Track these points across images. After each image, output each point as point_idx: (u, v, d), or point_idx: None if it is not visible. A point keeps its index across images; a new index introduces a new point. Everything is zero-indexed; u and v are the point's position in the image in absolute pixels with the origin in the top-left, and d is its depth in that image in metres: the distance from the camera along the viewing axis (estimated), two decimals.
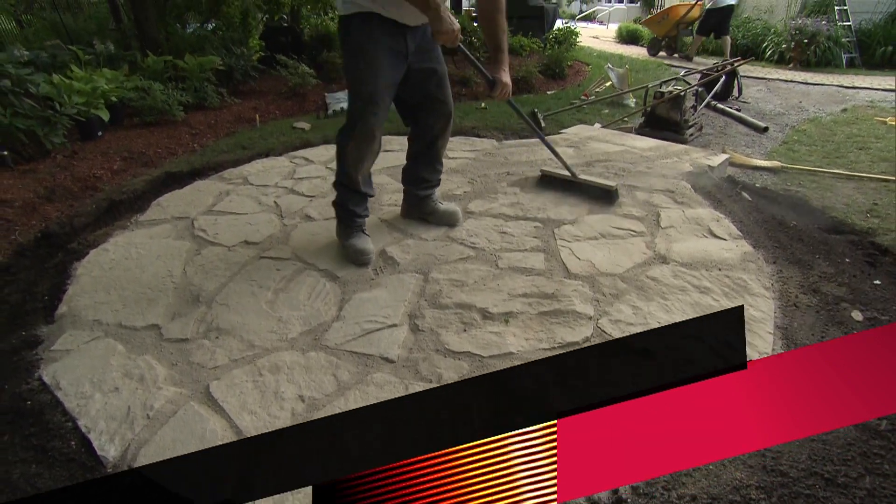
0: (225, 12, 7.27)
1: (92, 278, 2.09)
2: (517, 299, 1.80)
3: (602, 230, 2.28)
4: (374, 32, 1.82)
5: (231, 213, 2.58)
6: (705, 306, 1.78)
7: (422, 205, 2.36)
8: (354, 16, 1.81)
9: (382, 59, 1.85)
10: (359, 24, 1.82)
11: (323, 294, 1.88)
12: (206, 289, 1.95)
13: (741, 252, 2.14)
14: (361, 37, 1.83)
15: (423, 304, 1.80)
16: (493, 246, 2.15)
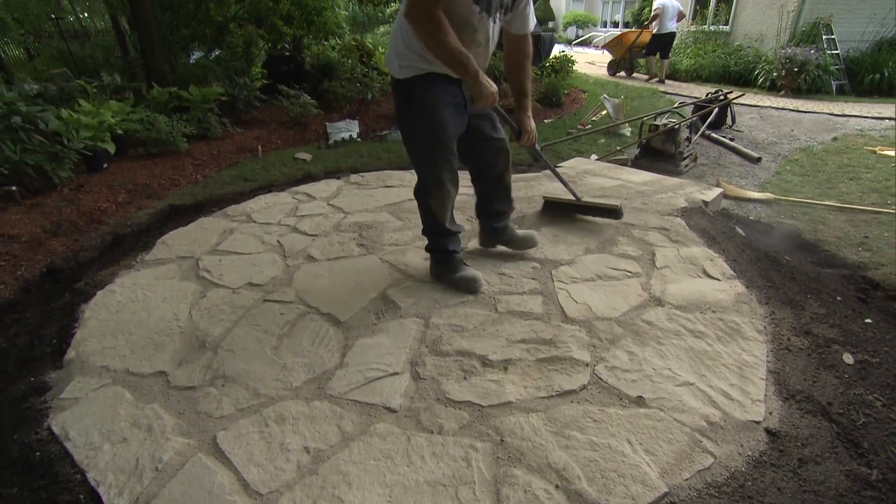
0: (229, 42, 7.44)
1: (99, 321, 2.13)
2: (516, 345, 1.85)
3: (599, 271, 2.34)
4: (435, 91, 1.87)
5: (235, 252, 2.64)
6: (699, 351, 1.83)
7: (501, 235, 2.47)
8: (415, 78, 1.86)
9: (447, 117, 1.92)
10: (421, 86, 1.86)
11: (326, 340, 1.92)
12: (211, 333, 1.99)
13: (734, 293, 2.19)
14: (426, 98, 1.87)
15: (423, 350, 1.84)
16: (493, 288, 2.21)
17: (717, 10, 10.31)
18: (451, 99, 1.92)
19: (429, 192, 2.06)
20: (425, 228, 2.23)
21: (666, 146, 4.33)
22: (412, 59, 1.83)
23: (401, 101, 1.96)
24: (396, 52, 1.88)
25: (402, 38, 1.84)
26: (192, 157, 5.12)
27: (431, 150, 1.96)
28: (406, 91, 1.90)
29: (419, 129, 1.95)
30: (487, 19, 1.81)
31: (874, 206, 3.60)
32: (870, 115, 6.58)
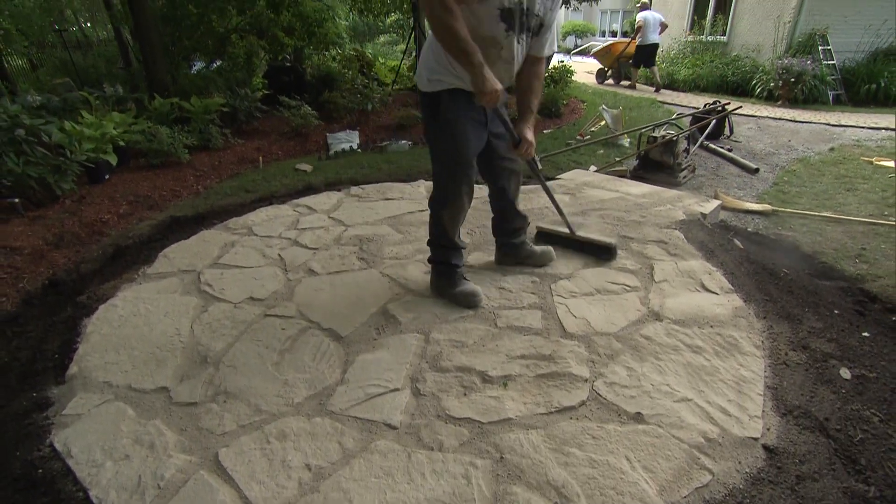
0: (230, 53, 7.51)
1: (101, 336, 2.14)
2: (515, 361, 1.86)
3: (597, 285, 2.35)
4: (460, 107, 1.93)
5: (236, 266, 2.66)
6: (697, 367, 1.84)
7: (518, 251, 2.51)
8: (442, 93, 1.92)
9: (470, 132, 1.99)
10: (447, 100, 1.93)
11: (327, 355, 1.93)
12: (213, 349, 2.01)
13: (732, 307, 2.21)
14: (450, 112, 1.93)
15: (424, 366, 1.86)
16: (492, 303, 2.22)
17: (715, 21, 10.40)
18: (475, 115, 1.99)
19: (445, 203, 2.11)
20: (432, 240, 2.26)
21: (664, 158, 4.36)
22: (441, 73, 1.89)
23: (428, 114, 2.02)
24: (426, 66, 1.94)
25: (432, 53, 1.91)
26: (194, 168, 5.15)
27: (453, 163, 2.02)
28: (433, 104, 1.96)
29: (442, 143, 2.01)
30: (513, 38, 1.86)
31: (871, 218, 3.63)
32: (866, 125, 6.63)
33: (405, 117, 6.37)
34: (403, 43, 17.56)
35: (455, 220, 2.17)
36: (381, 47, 17.87)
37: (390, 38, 19.17)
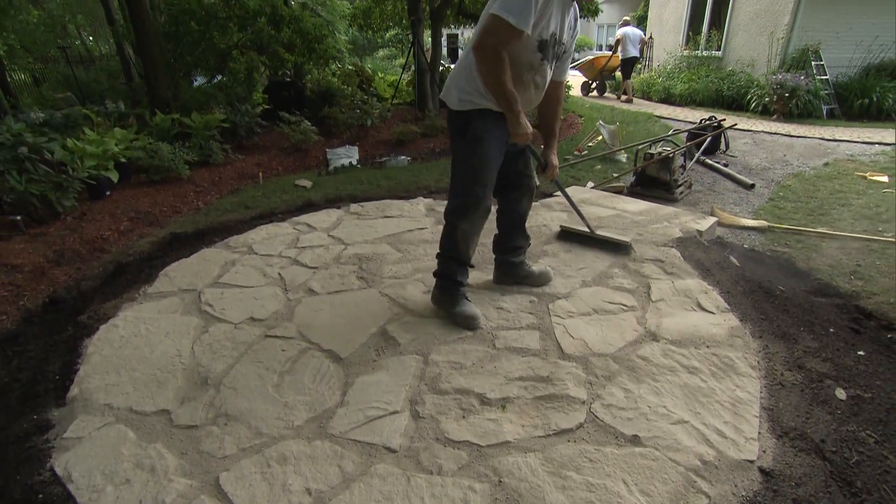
0: (231, 68, 7.58)
1: (102, 357, 2.16)
2: (514, 383, 1.88)
3: (595, 305, 2.38)
4: (488, 125, 2.05)
5: (237, 285, 2.68)
6: (694, 388, 1.86)
7: (516, 270, 2.56)
8: (472, 112, 2.04)
9: (494, 149, 2.10)
10: (477, 119, 2.04)
11: (327, 377, 1.95)
12: (214, 370, 2.02)
13: (728, 327, 2.23)
14: (479, 130, 2.05)
15: (423, 388, 1.87)
16: (491, 323, 2.24)
17: (710, 36, 10.55)
18: (499, 134, 2.09)
19: (465, 214, 2.16)
20: (442, 252, 2.29)
21: (661, 174, 4.40)
22: (472, 94, 2.02)
23: (456, 131, 2.13)
24: (457, 86, 2.06)
25: (465, 75, 2.03)
26: (194, 184, 5.19)
27: (477, 178, 2.11)
28: (462, 122, 2.07)
29: (468, 158, 2.10)
30: (546, 66, 2.05)
31: (866, 234, 3.66)
32: (860, 139, 6.70)
33: (404, 133, 6.43)
34: (402, 57, 17.74)
35: (470, 234, 2.22)
36: (380, 62, 18.05)
37: (389, 53, 19.38)
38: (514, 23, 1.78)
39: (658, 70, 11.42)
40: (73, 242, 3.80)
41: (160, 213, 4.48)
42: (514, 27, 1.79)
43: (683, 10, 11.20)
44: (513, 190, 2.37)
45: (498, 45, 1.82)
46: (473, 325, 2.23)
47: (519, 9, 1.77)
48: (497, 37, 1.82)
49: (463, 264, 2.28)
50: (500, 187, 2.33)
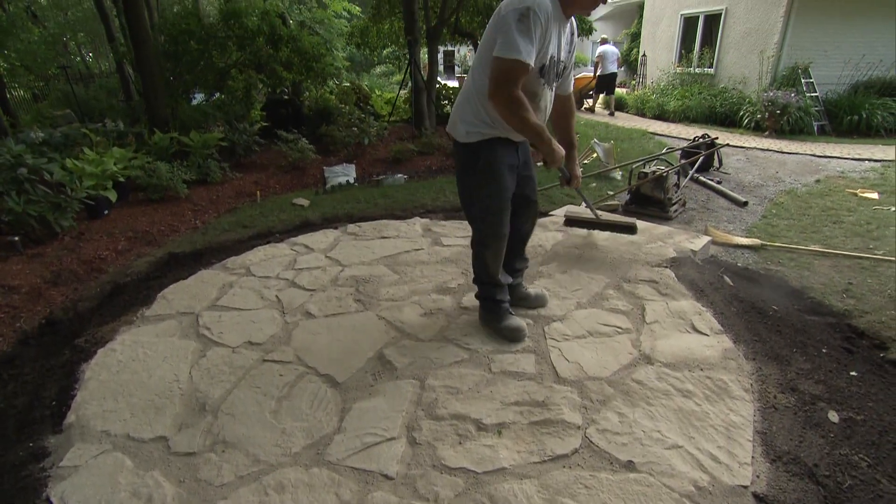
0: (230, 86, 7.66)
1: (100, 382, 2.16)
2: (509, 408, 1.89)
3: (590, 327, 2.40)
4: (498, 154, 2.09)
5: (234, 308, 2.69)
6: (688, 412, 1.88)
7: (514, 292, 2.57)
8: (480, 143, 2.07)
9: (506, 177, 2.13)
10: (487, 150, 2.07)
11: (324, 403, 1.96)
12: (211, 396, 2.03)
13: (722, 349, 2.26)
14: (490, 161, 2.08)
15: (420, 414, 1.88)
16: (486, 347, 2.26)
17: (702, 54, 10.73)
18: (510, 161, 2.14)
19: (488, 244, 2.22)
20: (476, 278, 2.38)
21: (655, 192, 4.46)
22: (479, 126, 2.05)
23: (464, 164, 2.16)
24: (463, 120, 2.09)
25: (471, 109, 2.07)
26: (192, 203, 5.22)
27: (494, 207, 2.15)
28: (471, 155, 2.10)
29: (483, 190, 2.13)
30: (547, 88, 2.08)
31: (857, 251, 3.71)
32: (850, 156, 6.81)
33: (401, 151, 6.49)
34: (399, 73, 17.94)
35: (496, 258, 2.28)
36: (377, 79, 18.24)
37: (386, 69, 19.59)
38: (522, 59, 1.80)
39: (652, 87, 11.58)
40: (70, 263, 3.81)
41: (158, 233, 4.49)
42: (523, 63, 1.80)
43: (676, 28, 11.40)
44: (518, 213, 2.40)
45: (512, 87, 1.83)
46: (519, 337, 2.32)
47: (521, 45, 1.79)
48: (508, 80, 1.83)
49: (498, 285, 2.35)
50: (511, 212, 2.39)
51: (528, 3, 1.80)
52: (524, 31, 1.80)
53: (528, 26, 1.80)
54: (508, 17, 1.82)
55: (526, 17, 1.79)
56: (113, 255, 4.04)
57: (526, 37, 1.80)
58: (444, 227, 3.82)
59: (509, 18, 1.81)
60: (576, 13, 2.05)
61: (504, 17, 1.84)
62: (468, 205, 2.24)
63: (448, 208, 4.68)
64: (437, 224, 3.90)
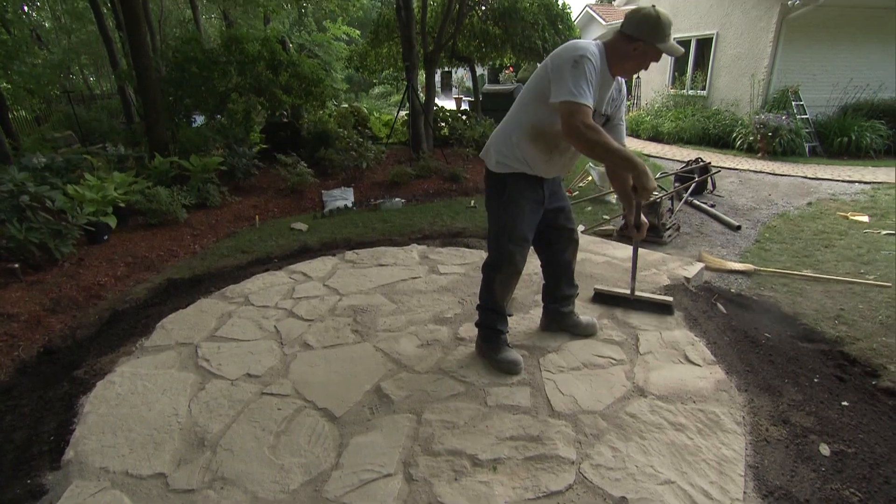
0: (230, 109, 7.77)
1: (99, 416, 2.18)
2: (505, 443, 1.92)
3: (584, 359, 2.43)
4: (522, 188, 2.20)
5: (233, 339, 2.72)
6: (680, 446, 1.90)
7: (565, 319, 2.66)
8: (507, 175, 2.19)
9: (528, 210, 2.23)
10: (513, 182, 2.19)
11: (322, 438, 1.98)
12: (210, 430, 2.04)
13: (714, 380, 2.29)
14: (514, 193, 2.19)
15: (416, 449, 1.90)
16: (482, 380, 2.29)
17: (695, 77, 10.94)
18: (533, 196, 2.23)
19: (500, 268, 2.28)
20: (482, 303, 2.42)
21: (649, 218, 4.51)
22: (511, 160, 2.17)
23: (493, 191, 2.28)
24: (497, 150, 2.21)
25: (506, 143, 2.18)
26: (191, 227, 5.26)
27: (510, 236, 2.23)
28: (499, 184, 2.23)
29: (504, 217, 2.23)
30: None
31: (848, 276, 3.76)
32: (840, 178, 6.92)
33: (399, 174, 6.57)
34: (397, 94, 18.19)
35: (505, 287, 2.34)
36: (375, 100, 18.49)
37: (384, 90, 19.88)
38: (578, 101, 1.88)
39: (646, 108, 11.77)
40: (69, 290, 3.83)
41: (157, 258, 4.52)
42: (579, 104, 1.88)
43: None
44: (556, 242, 2.49)
45: (584, 119, 1.89)
46: (515, 370, 2.34)
47: (574, 88, 1.88)
48: (574, 117, 1.89)
49: (500, 314, 2.39)
50: (544, 241, 2.47)
51: (581, 51, 1.92)
52: (579, 75, 1.89)
53: (583, 71, 1.90)
54: (565, 63, 1.93)
55: (580, 63, 1.90)
56: (112, 281, 4.07)
57: (583, 80, 1.90)
58: (440, 254, 3.87)
59: (566, 65, 1.92)
60: (620, 75, 2.15)
61: (560, 63, 1.94)
62: (490, 227, 2.34)
63: (445, 233, 4.74)
64: (433, 251, 3.95)
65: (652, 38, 1.98)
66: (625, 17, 2.06)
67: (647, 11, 1.99)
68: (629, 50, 2.03)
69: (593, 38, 17.57)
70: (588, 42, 2.01)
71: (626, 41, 2.02)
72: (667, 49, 2.03)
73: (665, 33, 1.99)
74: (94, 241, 4.65)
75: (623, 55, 2.05)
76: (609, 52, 2.06)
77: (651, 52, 2.03)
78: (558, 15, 8.91)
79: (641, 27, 1.98)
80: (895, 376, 2.55)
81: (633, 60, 2.06)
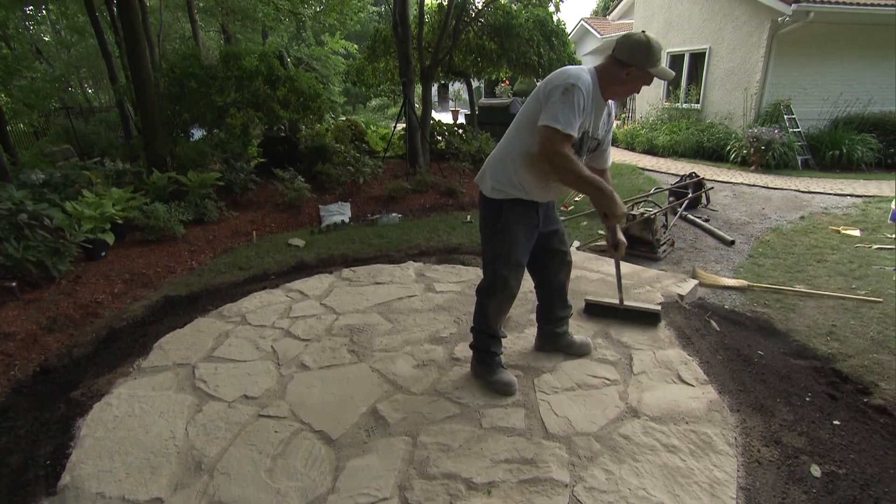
0: (228, 123, 7.83)
1: (95, 440, 2.18)
2: (499, 466, 1.93)
3: (578, 379, 2.46)
4: (518, 214, 2.23)
5: (230, 360, 2.74)
6: (673, 468, 1.93)
7: (559, 339, 2.70)
8: (503, 202, 2.21)
9: (523, 235, 2.26)
10: (509, 208, 2.22)
11: (318, 461, 1.99)
12: (207, 454, 2.05)
13: (707, 400, 2.32)
14: (509, 218, 2.22)
15: (412, 472, 1.92)
16: (477, 401, 2.31)
17: (689, 90, 11.07)
18: (529, 221, 2.27)
19: (494, 293, 2.31)
20: (476, 326, 2.45)
21: (644, 234, 4.57)
22: (506, 186, 2.20)
23: (488, 217, 2.30)
24: (493, 176, 2.23)
25: (502, 169, 2.21)
26: (188, 243, 5.28)
27: (505, 261, 2.26)
28: (494, 210, 2.25)
29: (499, 244, 2.26)
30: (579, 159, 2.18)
31: (840, 291, 3.80)
32: (833, 191, 7.00)
33: (395, 189, 6.62)
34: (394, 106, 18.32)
35: (499, 311, 2.37)
36: (372, 113, 18.62)
37: (381, 102, 20.03)
38: (563, 130, 1.93)
39: (641, 121, 11.88)
40: (66, 307, 3.84)
41: (154, 275, 4.54)
42: (563, 133, 1.94)
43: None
44: (550, 265, 2.53)
45: (560, 148, 1.96)
46: (509, 392, 2.37)
47: (565, 118, 1.93)
48: (553, 144, 1.96)
49: (494, 337, 2.42)
50: (538, 264, 2.51)
51: (572, 80, 1.97)
52: (568, 103, 1.95)
53: (572, 100, 1.95)
54: (555, 90, 1.98)
55: (570, 91, 1.95)
56: (109, 298, 4.08)
57: (570, 109, 1.95)
58: (437, 271, 3.90)
59: (556, 91, 1.97)
60: (612, 98, 2.21)
61: (550, 90, 2.00)
62: (484, 251, 2.36)
63: (442, 249, 4.77)
64: (430, 269, 3.98)
65: (644, 63, 2.04)
66: (616, 43, 2.11)
67: (639, 37, 2.05)
68: (622, 75, 2.08)
69: (588, 51, 17.81)
70: (580, 69, 2.07)
71: (618, 66, 2.08)
72: (658, 73, 2.08)
73: (656, 58, 2.05)
74: (92, 257, 4.66)
75: (616, 80, 2.10)
76: (602, 77, 2.11)
77: (643, 77, 2.09)
78: (553, 31, 9.04)
79: (634, 53, 2.04)
80: (886, 394, 2.59)
81: (626, 85, 2.12)
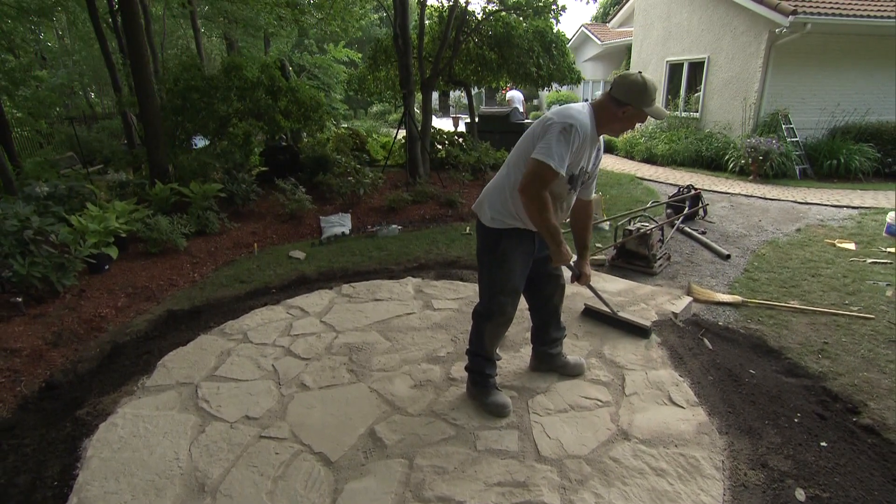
0: (230, 133, 7.91)
1: (101, 461, 2.25)
2: (492, 489, 2.00)
3: (571, 401, 2.52)
4: (515, 242, 2.30)
5: (232, 379, 2.80)
6: (661, 492, 1.99)
7: (553, 360, 2.77)
8: (502, 231, 2.28)
9: (520, 263, 2.34)
10: (507, 237, 2.29)
11: (318, 483, 2.05)
12: (210, 475, 2.12)
13: (696, 423, 2.38)
14: (507, 247, 2.29)
15: (408, 496, 1.98)
16: (473, 423, 2.38)
17: (688, 99, 11.14)
18: (526, 248, 2.35)
19: (491, 318, 2.38)
20: (472, 349, 2.52)
21: (640, 249, 4.63)
22: (505, 216, 2.27)
23: (483, 245, 2.38)
24: (491, 206, 2.30)
25: (500, 199, 2.27)
26: (190, 255, 5.35)
27: (503, 288, 2.33)
28: (493, 239, 2.31)
29: (497, 272, 2.33)
30: (573, 193, 2.33)
31: (833, 308, 3.85)
32: (829, 202, 7.06)
33: (396, 200, 6.69)
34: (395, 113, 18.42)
35: (495, 335, 2.44)
36: (373, 120, 18.71)
37: (382, 108, 20.12)
38: (554, 167, 2.01)
39: (640, 130, 11.94)
40: (71, 322, 3.91)
41: (157, 288, 4.61)
42: (554, 171, 2.02)
43: (662, 74, 11.87)
44: (544, 289, 2.60)
45: (542, 188, 2.05)
46: (504, 413, 2.43)
47: (559, 156, 2.01)
48: (540, 180, 2.04)
49: (489, 360, 2.49)
50: (532, 287, 2.57)
51: (572, 121, 2.05)
52: (563, 142, 2.03)
53: (568, 140, 2.03)
54: (554, 127, 2.05)
55: (568, 131, 2.03)
56: (113, 312, 4.15)
57: (564, 148, 2.03)
58: (435, 287, 3.96)
59: (554, 128, 2.05)
60: (608, 134, 2.31)
61: (550, 126, 2.08)
62: (481, 278, 2.43)
63: (440, 262, 4.84)
64: (428, 284, 4.05)
65: (640, 102, 2.11)
66: (614, 82, 2.19)
67: (635, 78, 2.12)
68: (618, 113, 2.16)
69: (588, 57, 17.89)
70: (581, 110, 2.15)
71: (615, 105, 2.15)
72: (653, 113, 2.16)
73: (651, 98, 2.13)
74: (96, 271, 4.74)
75: (613, 118, 2.18)
76: (598, 114, 2.19)
77: (638, 115, 2.17)
78: (552, 41, 9.11)
79: (630, 93, 2.11)
80: (875, 413, 2.65)
81: (621, 123, 2.20)
